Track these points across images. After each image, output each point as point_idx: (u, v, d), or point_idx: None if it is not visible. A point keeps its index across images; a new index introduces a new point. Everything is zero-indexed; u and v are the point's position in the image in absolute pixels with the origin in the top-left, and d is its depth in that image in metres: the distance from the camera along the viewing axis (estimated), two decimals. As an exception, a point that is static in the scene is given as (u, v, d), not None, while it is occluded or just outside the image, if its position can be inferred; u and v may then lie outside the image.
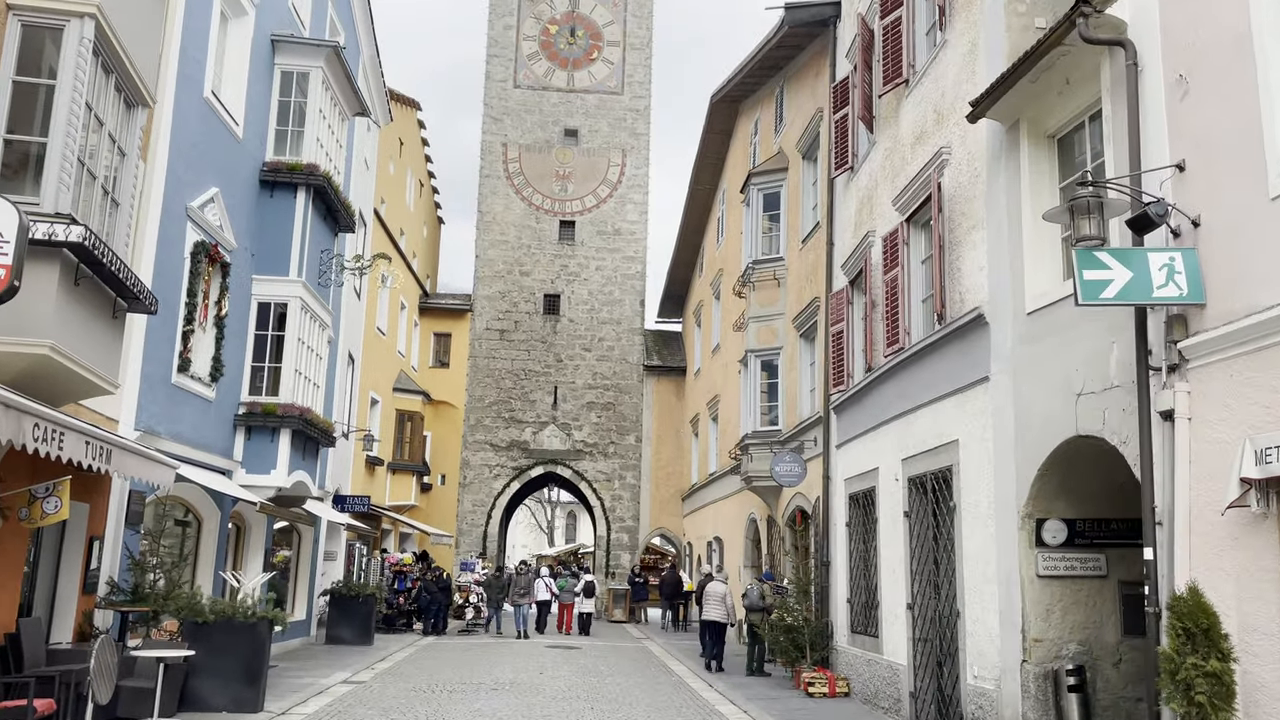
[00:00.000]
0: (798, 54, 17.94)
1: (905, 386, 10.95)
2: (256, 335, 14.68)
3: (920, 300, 10.97)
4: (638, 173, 31.65)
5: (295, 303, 14.80)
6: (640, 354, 30.83)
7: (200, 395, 12.90)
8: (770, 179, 18.64)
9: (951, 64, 10.14)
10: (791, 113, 18.39)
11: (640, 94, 32.13)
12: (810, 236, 16.55)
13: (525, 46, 32.07)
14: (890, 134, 12.10)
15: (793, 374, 17.22)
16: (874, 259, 12.28)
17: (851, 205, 13.91)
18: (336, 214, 16.17)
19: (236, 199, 13.92)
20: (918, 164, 10.90)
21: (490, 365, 30.32)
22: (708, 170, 26.66)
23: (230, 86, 13.84)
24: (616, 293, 30.94)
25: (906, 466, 10.83)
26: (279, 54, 15.24)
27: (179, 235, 12.04)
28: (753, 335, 18.44)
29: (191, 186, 12.35)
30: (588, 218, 31.26)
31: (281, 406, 14.38)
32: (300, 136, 15.26)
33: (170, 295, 11.87)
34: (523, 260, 30.83)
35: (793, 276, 17.58)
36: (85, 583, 10.22)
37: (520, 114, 31.64)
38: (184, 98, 11.90)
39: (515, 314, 30.65)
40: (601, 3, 32.47)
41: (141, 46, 8.76)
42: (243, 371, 14.45)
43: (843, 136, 14.17)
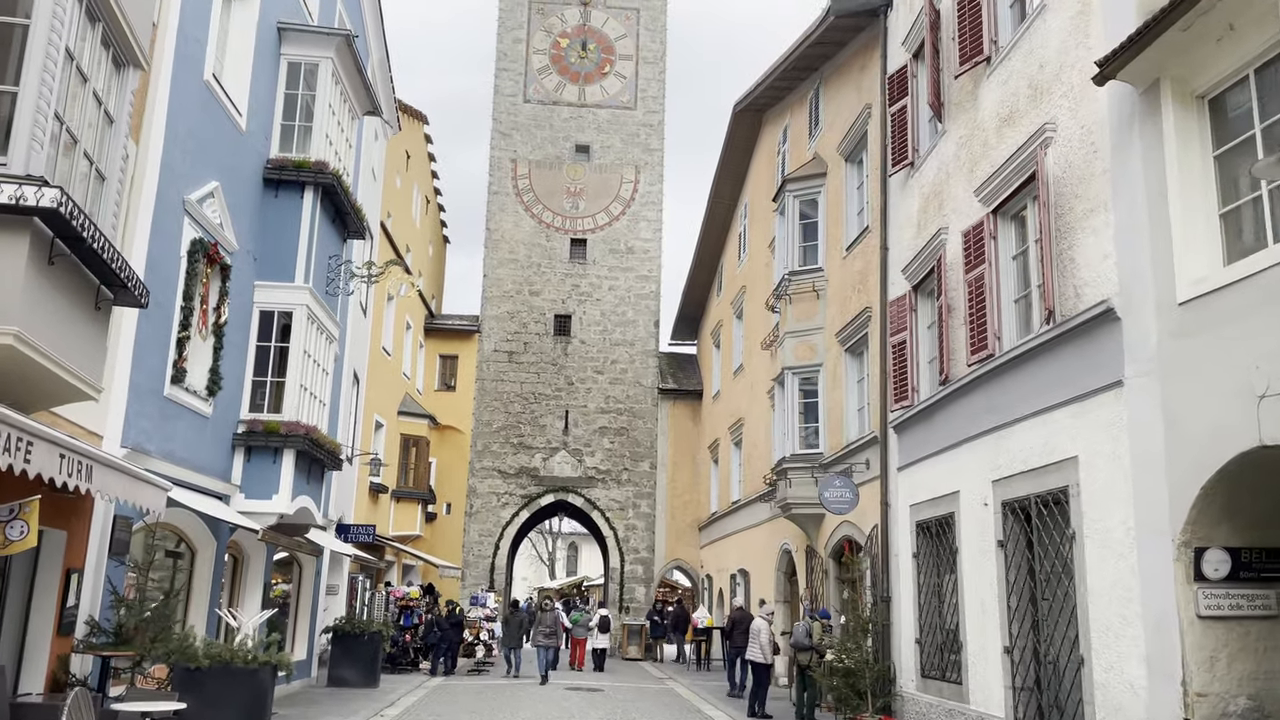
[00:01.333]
0: (838, 51, 16.83)
1: (996, 398, 9.67)
2: (258, 347, 13.38)
3: (1012, 300, 9.72)
4: (651, 189, 30.54)
5: (301, 311, 13.51)
6: (655, 377, 29.54)
7: (196, 410, 11.58)
8: (807, 185, 17.46)
9: (1053, 31, 8.96)
10: (830, 114, 17.25)
11: (654, 109, 31.10)
12: (857, 243, 15.33)
13: (535, 60, 31.07)
14: (967, 119, 10.91)
15: (836, 392, 15.94)
16: (949, 258, 11.05)
17: (913, 203, 12.70)
18: (346, 217, 14.93)
19: (238, 197, 12.68)
20: (1008, 148, 9.70)
21: (498, 388, 29.00)
22: (728, 184, 25.53)
23: (233, 74, 12.65)
24: (630, 313, 29.71)
25: (1000, 489, 9.53)
26: (286, 43, 14.07)
27: (175, 230, 10.78)
28: (789, 351, 17.17)
29: (189, 178, 11.10)
30: (600, 235, 30.09)
31: (285, 425, 13.05)
32: (308, 133, 14.06)
33: (164, 297, 10.59)
34: (532, 279, 29.61)
35: (834, 288, 16.34)
36: (60, 623, 8.85)
37: (530, 129, 30.56)
38: (182, 77, 10.69)
39: (524, 335, 29.38)
40: (614, 16, 31.52)
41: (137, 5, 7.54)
42: (243, 386, 13.13)
43: (900, 130, 12.99)
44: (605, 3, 31.53)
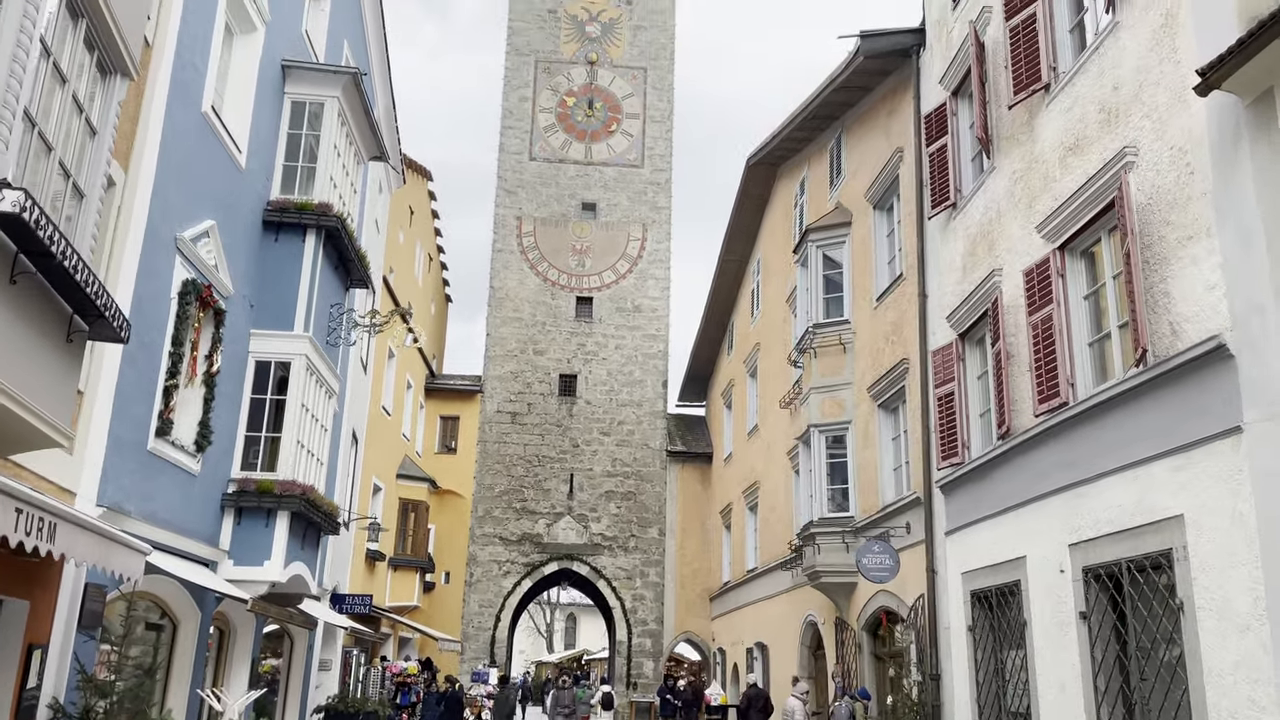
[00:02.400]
0: (862, 97, 16.23)
1: (1071, 452, 8.72)
2: (253, 399, 12.41)
3: (1086, 344, 8.84)
4: (659, 247, 29.90)
5: (299, 361, 12.58)
6: (663, 439, 28.51)
7: (182, 467, 10.57)
8: (831, 234, 16.71)
9: (1129, 49, 8.23)
10: (854, 162, 16.58)
11: (661, 167, 30.62)
12: (889, 292, 14.51)
13: (541, 118, 30.67)
14: (1021, 153, 10.15)
15: (868, 451, 14.96)
16: (1006, 301, 10.19)
17: (956, 246, 11.90)
18: (349, 264, 14.08)
19: (236, 238, 11.84)
20: (1075, 178, 8.91)
21: (501, 451, 27.94)
22: (740, 240, 24.85)
23: (234, 109, 11.91)
24: (637, 373, 28.81)
25: (1080, 554, 8.52)
26: (290, 82, 13.38)
27: (165, 269, 9.89)
28: (815, 408, 16.23)
29: (183, 214, 10.26)
30: (606, 294, 29.33)
31: (280, 484, 12.01)
32: (311, 175, 13.28)
33: (151, 340, 9.67)
34: (537, 338, 28.76)
35: (863, 340, 15.48)
36: (19, 706, 7.73)
37: (536, 186, 30.02)
38: (179, 105, 9.91)
39: (528, 395, 28.42)
40: (620, 75, 31.24)
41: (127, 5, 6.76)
42: (235, 442, 12.12)
43: (941, 170, 12.25)
44: (612, 62, 31.29)
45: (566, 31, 31.45)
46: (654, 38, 31.68)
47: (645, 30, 31.73)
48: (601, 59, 31.21)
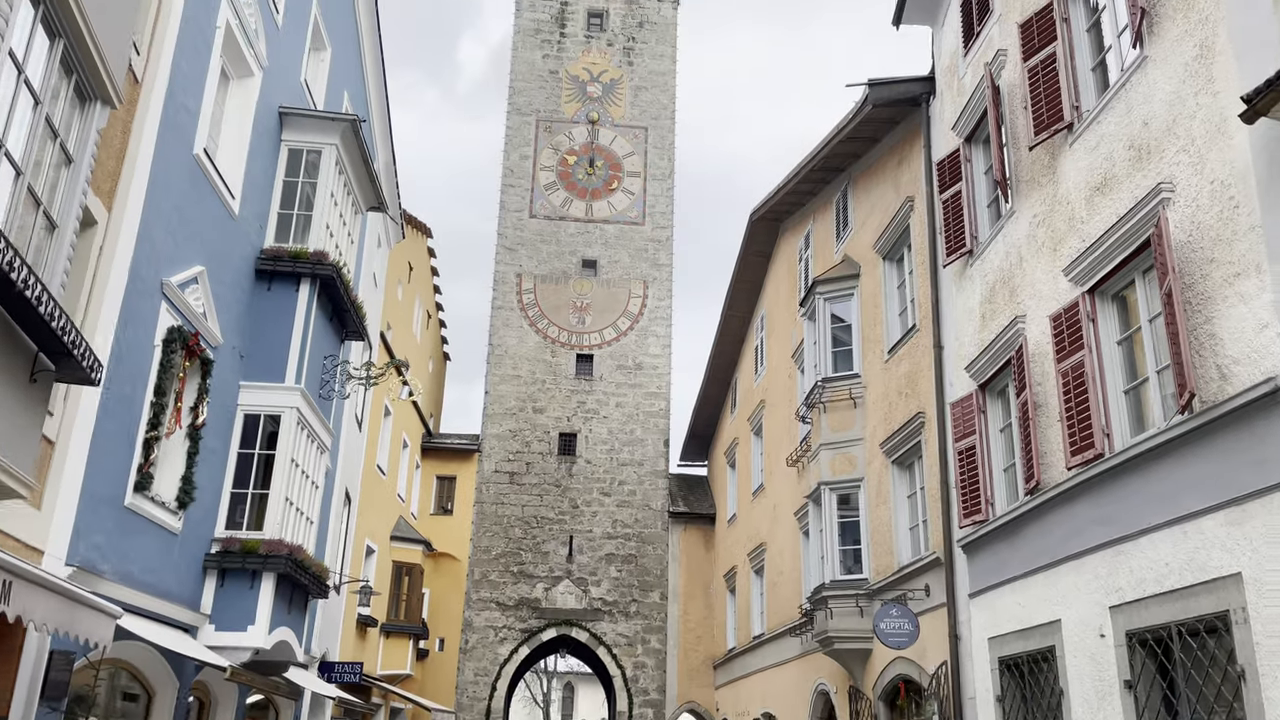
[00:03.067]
0: (869, 149, 15.97)
1: (1109, 506, 8.18)
2: (240, 455, 11.87)
3: (1121, 391, 8.35)
4: (660, 304, 29.56)
5: (290, 415, 12.05)
6: (665, 500, 27.82)
7: (162, 525, 9.98)
8: (839, 287, 16.32)
9: (1159, 83, 7.89)
10: (862, 214, 16.26)
11: (662, 224, 30.44)
12: (901, 344, 14.06)
13: (542, 176, 30.55)
14: (1043, 195, 9.78)
15: (882, 509, 14.36)
16: (1031, 349, 9.72)
17: (974, 295, 11.48)
18: (344, 315, 13.65)
19: (226, 286, 11.41)
20: (1104, 219, 8.51)
21: (498, 512, 27.21)
22: (743, 297, 24.52)
23: (228, 154, 11.58)
24: (638, 431, 28.23)
25: (1123, 617, 7.92)
26: (287, 129, 13.08)
27: (149, 314, 9.43)
28: (825, 465, 15.67)
29: (170, 258, 9.84)
30: (607, 351, 28.90)
31: (265, 544, 11.40)
32: (306, 223, 12.91)
33: (132, 390, 9.17)
34: (536, 396, 28.24)
35: (875, 394, 14.98)
36: (-30, 787, 7.07)
37: (536, 244, 29.78)
38: (169, 145, 9.54)
39: (527, 455, 27.79)
40: (622, 134, 31.22)
41: (110, 29, 6.40)
42: (220, 499, 11.55)
43: (955, 216, 11.89)
44: (613, 121, 31.30)
45: (568, 91, 31.52)
46: (655, 98, 31.75)
47: (646, 90, 31.81)
48: (603, 118, 31.23)
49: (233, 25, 11.04)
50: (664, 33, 32.57)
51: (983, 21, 11.68)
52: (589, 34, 32.29)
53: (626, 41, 32.30)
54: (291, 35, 13.33)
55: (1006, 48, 10.87)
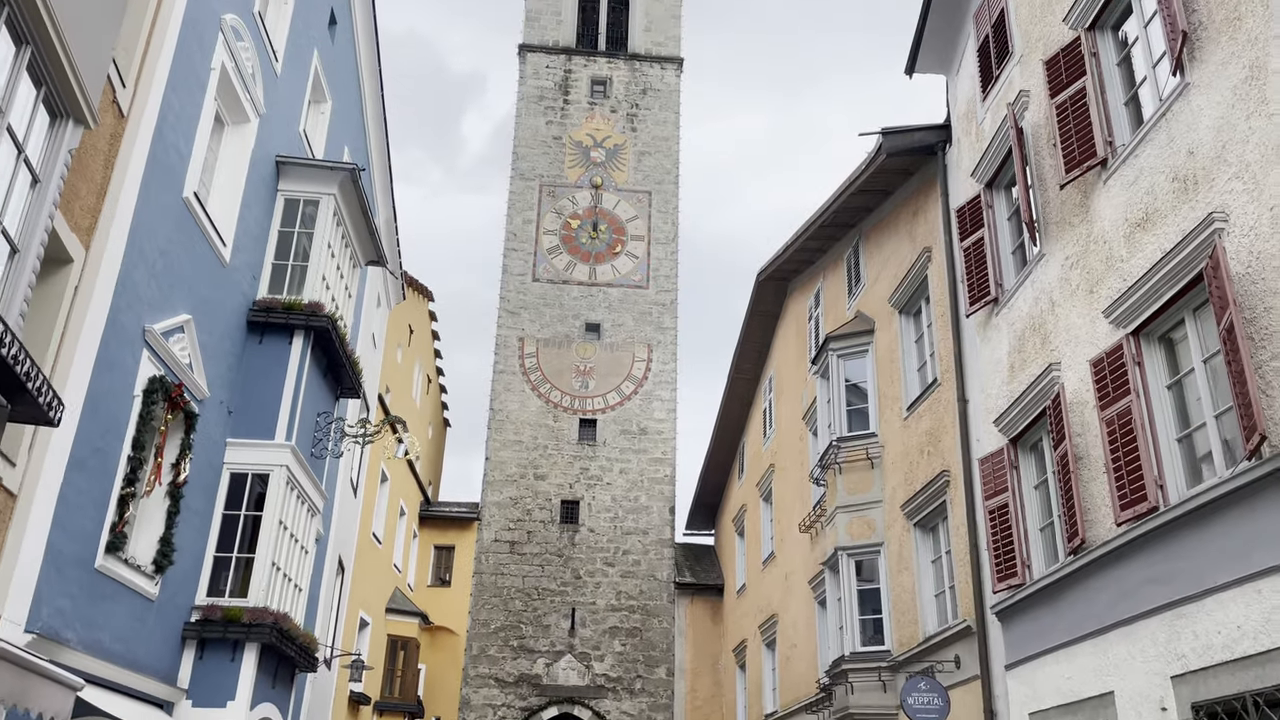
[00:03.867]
0: (882, 201, 15.58)
1: (1166, 565, 7.49)
2: (225, 516, 11.18)
3: (1174, 439, 7.72)
4: (665, 368, 29.02)
5: (279, 474, 11.39)
6: (670, 570, 26.90)
7: (137, 590, 9.26)
8: (853, 343, 15.77)
9: (1205, 109, 7.43)
10: (875, 268, 15.80)
11: (666, 287, 30.07)
12: (921, 400, 13.45)
13: (545, 240, 30.31)
14: (1076, 235, 9.28)
15: (904, 576, 13.59)
16: (1069, 397, 9.12)
17: (1001, 344, 10.92)
18: (339, 370, 13.08)
19: (215, 337, 10.86)
20: (1148, 255, 7.98)
21: (498, 583, 26.27)
22: (750, 359, 23.96)
23: (220, 200, 11.13)
24: (643, 499, 27.44)
25: (1187, 687, 7.17)
26: (284, 178, 12.68)
27: (129, 362, 8.85)
28: (842, 529, 14.92)
29: (154, 305, 9.31)
30: (610, 416, 28.27)
31: (249, 612, 10.64)
32: (302, 274, 12.43)
33: (107, 442, 8.54)
34: (538, 462, 27.52)
35: (894, 454, 14.32)
36: None
37: (539, 307, 29.38)
38: (156, 186, 9.08)
39: (528, 523, 26.96)
40: (625, 199, 31.07)
41: (86, 43, 5.96)
42: (202, 563, 10.83)
43: (978, 264, 11.39)
44: (616, 186, 31.19)
45: (571, 156, 31.47)
46: (658, 162, 31.69)
47: (650, 155, 31.77)
48: (606, 183, 31.11)
49: (229, 68, 10.69)
50: (667, 99, 32.67)
51: (1002, 64, 11.34)
52: (592, 100, 32.38)
53: (630, 108, 32.37)
54: (291, 84, 13.02)
55: (1029, 88, 10.50)
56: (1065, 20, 9.56)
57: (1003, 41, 11.36)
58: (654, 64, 33.01)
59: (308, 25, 13.56)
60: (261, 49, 11.77)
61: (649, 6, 33.93)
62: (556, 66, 32.69)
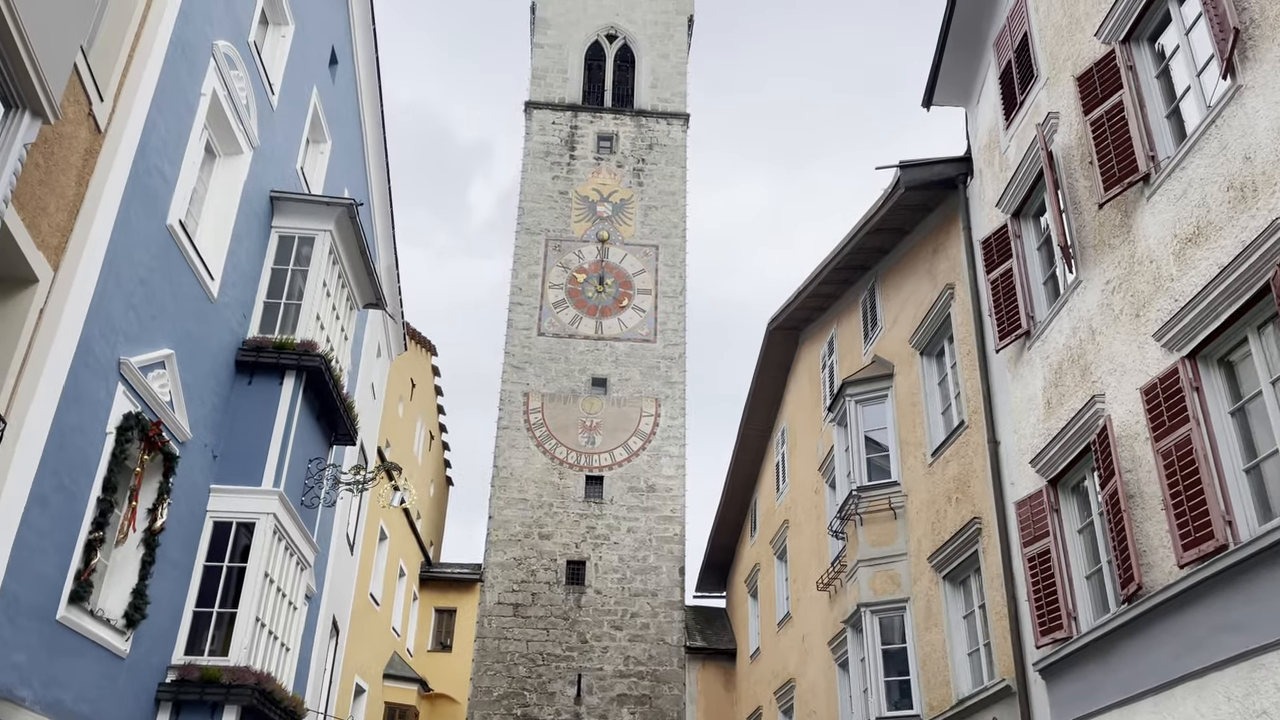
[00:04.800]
0: (899, 240, 15.05)
1: (1240, 610, 6.72)
2: (207, 568, 10.44)
3: (1241, 469, 7.01)
4: (673, 423, 28.28)
5: (266, 522, 10.68)
6: (681, 633, 25.82)
7: (105, 646, 8.50)
8: (871, 388, 15.10)
9: (1262, 110, 6.87)
10: (893, 310, 15.20)
11: (674, 341, 29.49)
12: (948, 444, 12.73)
13: (551, 294, 29.85)
14: (1117, 257, 8.68)
15: (933, 633, 12.72)
16: (1117, 431, 8.41)
17: (1034, 380, 10.25)
18: (334, 415, 12.44)
19: (199, 375, 10.25)
20: (1203, 271, 7.36)
21: (501, 648, 25.21)
22: (761, 411, 23.26)
23: (209, 233, 10.62)
24: (652, 558, 26.49)
25: (1272, 748, 6.35)
26: (278, 214, 12.20)
27: (100, 397, 8.23)
28: (865, 584, 14.08)
29: (132, 337, 8.71)
30: (618, 472, 27.46)
31: (229, 672, 9.84)
32: (295, 312, 11.86)
33: (75, 482, 7.88)
34: (543, 521, 26.65)
35: (918, 503, 13.55)
36: None
37: (544, 362, 28.79)
38: (136, 208, 8.56)
39: (533, 584, 25.99)
40: (632, 253, 30.70)
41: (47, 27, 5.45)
42: (180, 619, 10.07)
43: (1007, 297, 10.78)
44: (623, 240, 30.83)
45: (577, 211, 31.19)
46: (665, 216, 31.38)
47: (657, 209, 31.47)
48: (613, 237, 30.77)
49: (220, 95, 10.25)
50: (674, 154, 32.50)
51: (1026, 89, 10.87)
52: (599, 156, 32.22)
53: (636, 163, 32.19)
54: (287, 119, 12.61)
55: (1058, 109, 10.00)
56: (1097, 34, 9.09)
57: (1026, 66, 10.91)
58: (660, 119, 32.92)
59: (306, 60, 13.21)
60: (256, 79, 11.37)
61: (655, 64, 34.00)
62: (562, 123, 32.62)
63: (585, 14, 34.44)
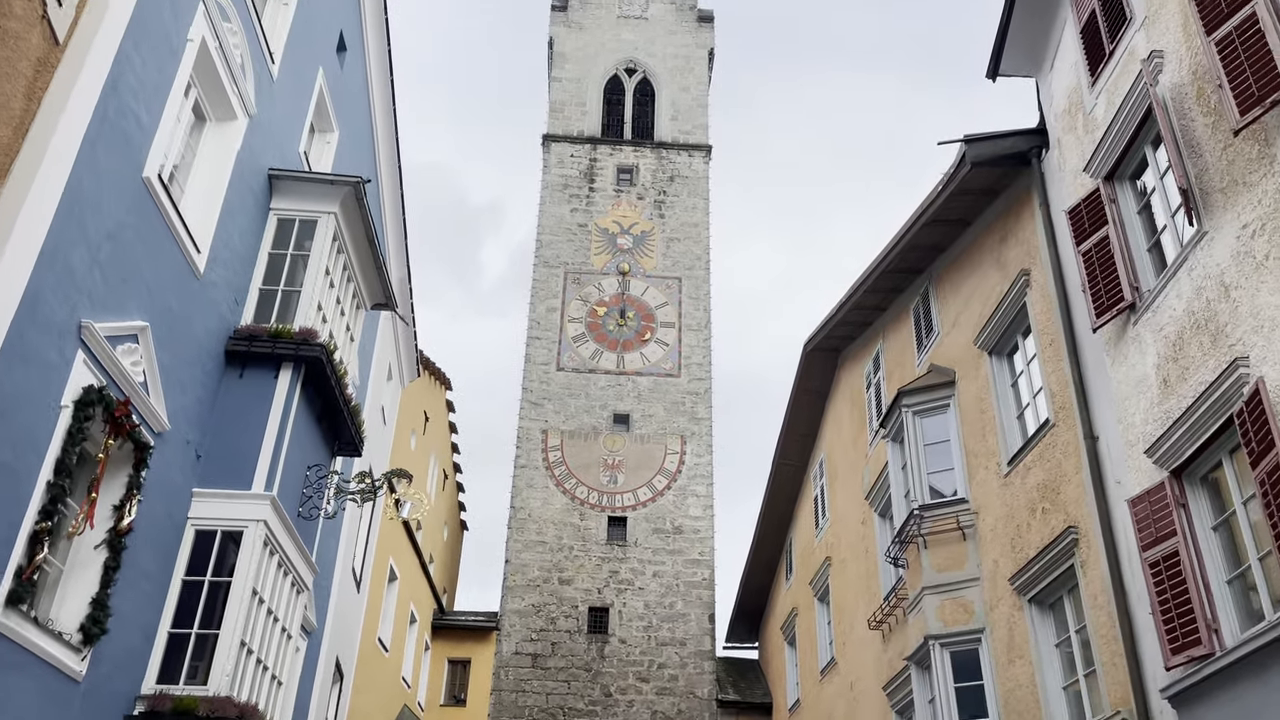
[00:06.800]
0: (958, 235, 13.74)
1: None
2: (186, 583, 9.01)
3: None
4: (700, 461, 26.77)
5: (255, 530, 9.27)
6: (711, 686, 23.98)
7: (53, 663, 7.05)
8: (930, 398, 13.67)
9: None
10: (952, 312, 13.83)
11: (700, 375, 28.12)
12: (1028, 449, 11.26)
13: (570, 328, 28.62)
14: (1259, 193, 7.33)
15: (1017, 667, 11.10)
16: (1273, 396, 6.97)
17: (1145, 357, 8.83)
18: (337, 418, 11.09)
19: (182, 361, 8.94)
20: (1390, 184, 6.00)
21: (518, 702, 23.42)
22: (796, 443, 21.76)
23: (195, 202, 9.40)
24: (679, 605, 24.77)
25: None
26: (277, 195, 11.01)
27: (53, 362, 6.91)
28: (931, 614, 12.49)
29: (97, 299, 7.44)
30: (642, 513, 25.88)
31: (207, 703, 8.35)
32: (294, 301, 10.59)
33: (18, 458, 6.53)
34: (563, 565, 25.03)
35: (993, 520, 12.03)
36: None
37: (563, 398, 27.43)
38: (104, 151, 7.34)
39: (552, 633, 24.28)
40: (654, 285, 29.52)
41: None
42: (153, 641, 8.61)
43: (1105, 268, 9.41)
44: (645, 272, 29.68)
45: (597, 244, 30.12)
46: (688, 248, 30.26)
47: (679, 241, 30.37)
48: (634, 269, 29.64)
49: (210, 46, 9.11)
50: (696, 185, 31.52)
51: (1117, 36, 9.64)
52: (618, 188, 31.27)
53: (657, 195, 31.20)
54: (289, 95, 11.49)
55: (1162, 47, 8.74)
56: (1214, -53, 7.86)
57: (1116, 11, 9.70)
58: (681, 151, 32.01)
59: (311, 37, 12.14)
60: (254, 41, 10.26)
61: (675, 97, 33.22)
62: (581, 155, 31.75)
63: (604, 48, 33.80)
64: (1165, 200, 8.90)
